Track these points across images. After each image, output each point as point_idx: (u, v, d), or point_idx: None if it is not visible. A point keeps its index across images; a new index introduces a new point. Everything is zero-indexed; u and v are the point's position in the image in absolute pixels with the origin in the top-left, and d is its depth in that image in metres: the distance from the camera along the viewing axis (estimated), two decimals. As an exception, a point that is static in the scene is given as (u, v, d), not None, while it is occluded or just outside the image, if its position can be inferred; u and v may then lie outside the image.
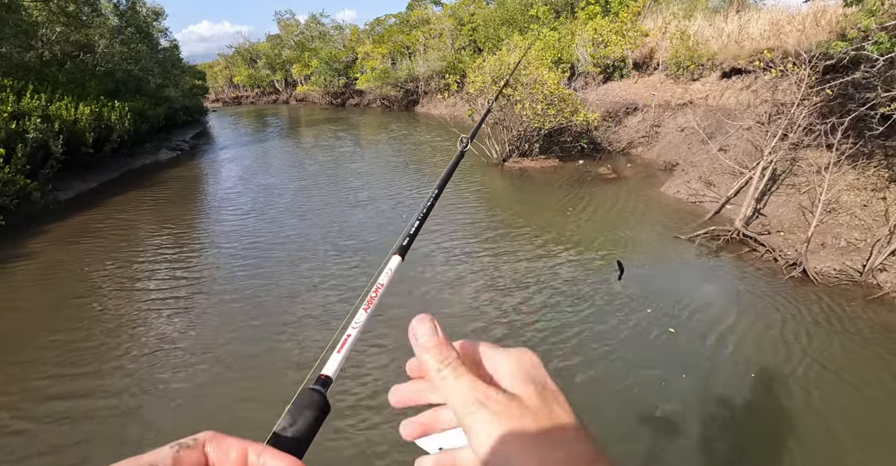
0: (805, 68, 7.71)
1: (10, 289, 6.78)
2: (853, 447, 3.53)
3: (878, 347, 4.70)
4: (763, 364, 4.48)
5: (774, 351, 4.66)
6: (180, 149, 18.49)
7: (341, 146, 17.69)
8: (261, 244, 8.09)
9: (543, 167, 12.65)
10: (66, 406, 4.26)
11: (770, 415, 3.87)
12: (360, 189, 11.29)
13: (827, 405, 3.95)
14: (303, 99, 44.15)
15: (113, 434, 3.91)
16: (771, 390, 4.15)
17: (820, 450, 3.51)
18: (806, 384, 4.20)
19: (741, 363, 4.51)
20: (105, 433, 3.93)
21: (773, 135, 7.93)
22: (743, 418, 3.86)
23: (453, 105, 23.81)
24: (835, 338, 4.86)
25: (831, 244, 6.51)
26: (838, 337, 4.87)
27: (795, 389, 4.14)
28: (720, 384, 4.24)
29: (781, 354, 4.61)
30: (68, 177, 11.82)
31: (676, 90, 13.56)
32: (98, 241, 8.59)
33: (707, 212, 8.39)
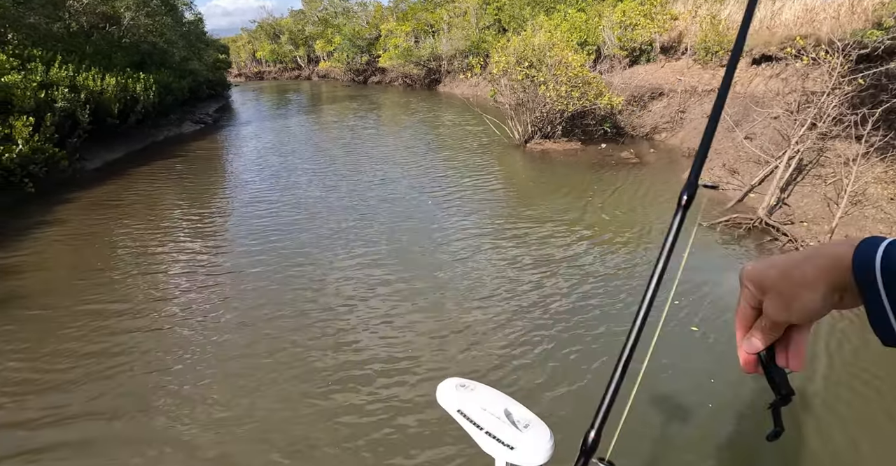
0: (838, 57, 7.56)
1: (38, 252, 6.96)
2: (846, 443, 3.55)
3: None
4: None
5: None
6: (204, 122, 18.62)
7: (363, 124, 17.69)
8: (282, 216, 8.18)
9: (566, 149, 12.58)
10: (93, 361, 4.41)
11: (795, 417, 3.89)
12: (380, 166, 11.32)
13: (845, 402, 3.97)
14: (325, 75, 44.08)
15: (141, 389, 4.04)
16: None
17: (834, 448, 3.54)
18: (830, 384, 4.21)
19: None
20: (131, 389, 4.06)
21: (802, 124, 7.81)
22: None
23: (476, 85, 23.65)
24: (854, 330, 4.85)
25: (856, 236, 6.44)
26: (857, 330, 4.86)
27: (819, 390, 4.15)
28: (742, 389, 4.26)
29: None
30: (94, 146, 11.98)
31: (704, 76, 13.36)
32: (123, 209, 8.74)
33: (730, 199, 8.33)
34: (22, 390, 4.10)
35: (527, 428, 1.42)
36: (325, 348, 4.64)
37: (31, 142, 9.12)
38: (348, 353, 4.56)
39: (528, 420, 1.44)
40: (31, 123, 9.26)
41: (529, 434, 1.40)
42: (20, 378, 4.25)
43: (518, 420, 1.44)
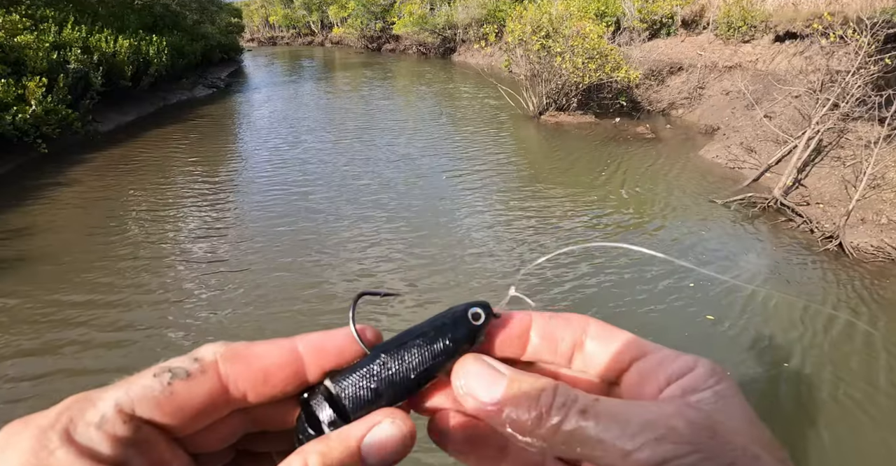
0: (866, 35, 7.36)
1: (51, 212, 7.03)
2: (876, 432, 3.56)
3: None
4: (791, 347, 4.49)
5: (804, 329, 4.65)
6: (216, 86, 18.49)
7: (377, 94, 17.54)
8: (291, 179, 8.19)
9: (580, 122, 12.43)
10: (103, 314, 4.47)
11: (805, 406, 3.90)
12: (393, 136, 11.24)
13: (852, 385, 3.97)
14: (338, 42, 43.54)
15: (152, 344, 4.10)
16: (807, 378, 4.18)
17: (844, 436, 3.55)
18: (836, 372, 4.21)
19: (775, 349, 4.52)
20: (141, 342, 4.12)
21: (824, 104, 7.66)
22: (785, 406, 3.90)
23: (491, 55, 23.29)
24: (863, 314, 4.83)
25: (872, 220, 6.37)
26: (868, 314, 4.84)
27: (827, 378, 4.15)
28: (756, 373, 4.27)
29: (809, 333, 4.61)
30: (106, 109, 11.95)
31: (725, 51, 13.08)
32: (135, 172, 8.78)
33: (745, 178, 8.22)
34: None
35: None
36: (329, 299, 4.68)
37: (44, 102, 9.11)
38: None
39: None
40: (44, 84, 9.23)
41: None
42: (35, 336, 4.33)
43: None
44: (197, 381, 0.32)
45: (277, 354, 0.34)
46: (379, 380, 0.35)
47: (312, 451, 0.32)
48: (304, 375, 0.35)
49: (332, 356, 0.36)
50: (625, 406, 0.33)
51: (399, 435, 0.33)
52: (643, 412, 0.32)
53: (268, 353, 0.34)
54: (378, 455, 0.32)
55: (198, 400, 0.32)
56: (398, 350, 0.36)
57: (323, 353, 0.35)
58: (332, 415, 0.34)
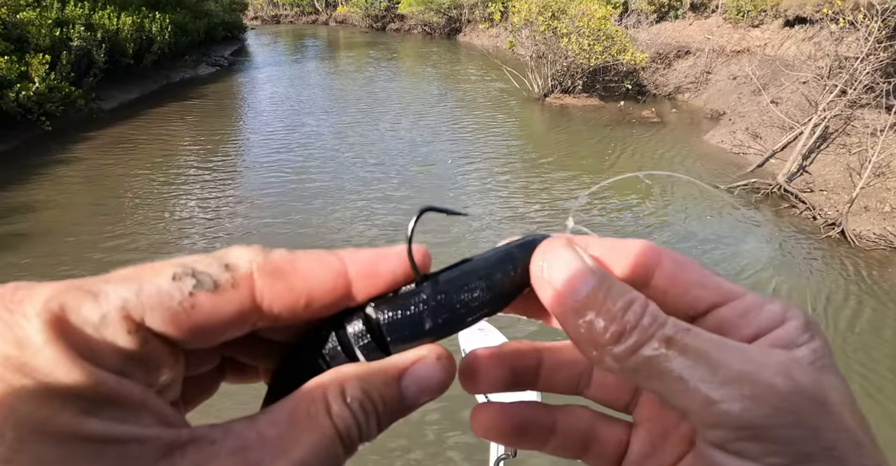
0: (876, 21, 7.28)
1: (55, 189, 7.07)
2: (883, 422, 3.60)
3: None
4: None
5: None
6: (219, 64, 18.36)
7: (381, 74, 17.42)
8: (293, 158, 8.23)
9: (585, 105, 12.36)
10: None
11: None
12: (397, 117, 11.20)
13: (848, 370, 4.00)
14: (342, 21, 43.08)
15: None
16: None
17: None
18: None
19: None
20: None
21: (831, 90, 7.60)
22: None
23: (496, 36, 23.07)
24: (867, 303, 4.86)
25: (875, 208, 6.37)
26: (870, 301, 4.86)
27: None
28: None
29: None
30: (110, 87, 11.89)
31: (734, 36, 12.94)
32: (139, 149, 8.81)
33: (750, 164, 8.20)
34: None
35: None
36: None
37: (47, 80, 9.08)
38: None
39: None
40: (47, 61, 9.19)
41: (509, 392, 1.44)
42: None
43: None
44: (226, 297, 0.26)
45: (325, 277, 0.28)
46: (428, 312, 0.30)
47: (352, 375, 0.28)
48: (349, 302, 0.30)
49: (384, 282, 0.30)
50: (720, 344, 0.27)
51: (443, 375, 0.30)
52: (741, 357, 0.27)
53: (314, 274, 0.28)
54: (417, 391, 0.29)
55: (222, 320, 0.26)
56: (455, 280, 0.31)
57: (374, 278, 0.30)
58: (371, 345, 0.30)
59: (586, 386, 0.37)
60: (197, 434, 0.24)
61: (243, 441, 0.25)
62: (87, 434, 0.21)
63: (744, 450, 0.25)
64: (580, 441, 0.35)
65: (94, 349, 0.23)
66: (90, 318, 0.23)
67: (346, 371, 0.29)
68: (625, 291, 0.29)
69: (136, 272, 0.26)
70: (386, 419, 0.29)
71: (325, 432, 0.27)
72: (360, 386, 0.28)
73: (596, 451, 0.35)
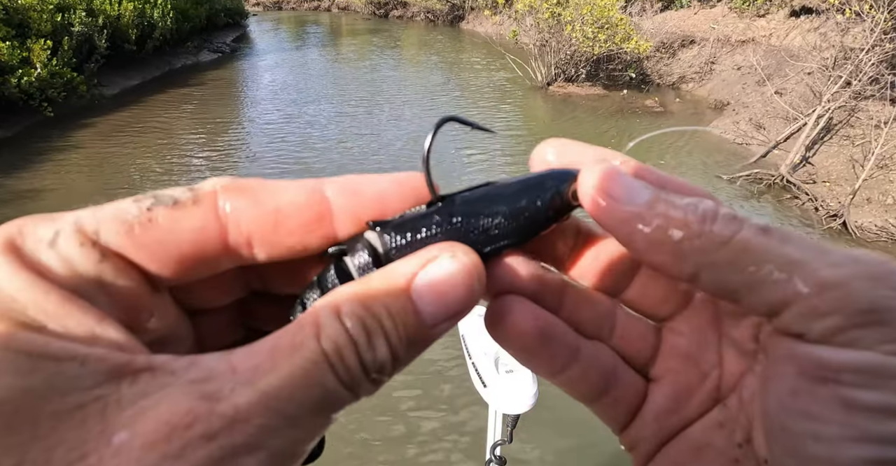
0: (883, 11, 7.23)
1: (57, 175, 7.10)
2: None
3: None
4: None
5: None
6: (221, 51, 18.28)
7: (384, 63, 17.34)
8: (293, 148, 8.24)
9: (588, 94, 12.31)
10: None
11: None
12: (399, 105, 11.17)
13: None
14: (345, 7, 42.75)
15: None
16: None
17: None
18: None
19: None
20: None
21: (836, 81, 7.56)
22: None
23: (500, 24, 22.92)
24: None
25: (877, 200, 6.36)
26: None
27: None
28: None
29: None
30: (111, 73, 11.86)
31: (739, 25, 12.85)
32: (141, 136, 8.81)
33: (753, 154, 8.18)
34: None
35: (508, 374, 1.46)
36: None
37: (49, 65, 9.06)
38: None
39: (516, 367, 1.47)
40: (48, 47, 9.17)
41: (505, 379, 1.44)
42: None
43: (504, 362, 1.47)
44: (186, 212, 0.24)
45: (295, 191, 0.26)
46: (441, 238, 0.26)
47: (349, 292, 0.24)
48: (331, 223, 0.26)
49: (370, 201, 0.27)
50: (814, 240, 0.25)
51: (463, 274, 0.25)
52: (843, 250, 0.24)
53: (283, 188, 0.26)
54: (435, 299, 0.24)
55: (183, 236, 0.24)
56: (474, 203, 0.27)
57: (358, 197, 0.27)
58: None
59: (609, 334, 0.33)
60: (155, 363, 0.21)
61: (208, 373, 0.21)
62: (17, 346, 0.20)
63: (859, 339, 0.22)
64: (602, 379, 0.32)
65: (47, 264, 0.22)
66: (44, 236, 0.23)
67: (343, 290, 0.24)
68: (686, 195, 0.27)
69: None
70: (400, 339, 0.24)
71: (308, 356, 0.22)
72: (359, 300, 0.23)
73: (613, 396, 0.32)
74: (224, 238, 0.25)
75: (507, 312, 0.29)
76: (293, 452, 0.22)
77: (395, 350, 0.23)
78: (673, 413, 0.31)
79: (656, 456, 0.31)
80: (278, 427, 0.21)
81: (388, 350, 0.23)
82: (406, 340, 0.24)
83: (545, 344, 0.30)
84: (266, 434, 0.20)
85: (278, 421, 0.21)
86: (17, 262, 0.22)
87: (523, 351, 0.30)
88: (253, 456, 0.20)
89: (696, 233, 0.25)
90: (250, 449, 0.20)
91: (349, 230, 0.27)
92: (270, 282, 0.30)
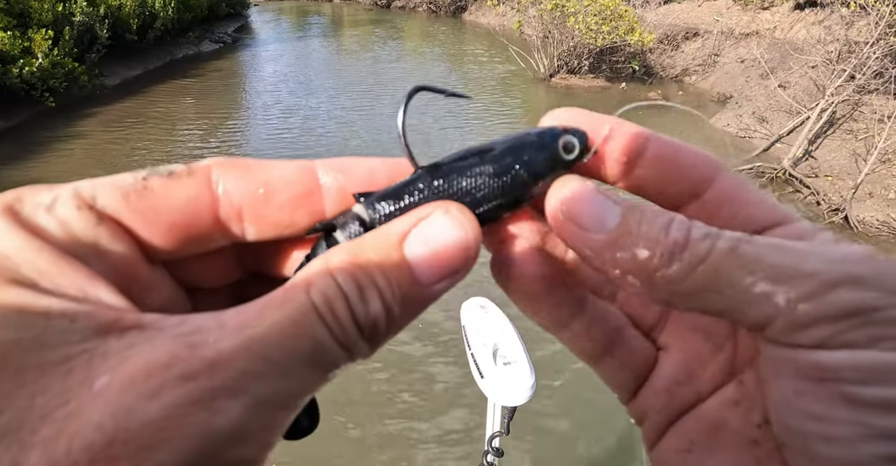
0: (888, 5, 7.18)
1: (60, 165, 7.16)
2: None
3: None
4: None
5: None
6: (223, 41, 18.22)
7: (386, 55, 17.27)
8: (294, 142, 8.26)
9: (591, 86, 12.26)
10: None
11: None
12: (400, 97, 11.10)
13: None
14: (347, -3, 42.58)
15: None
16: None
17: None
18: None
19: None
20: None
21: (839, 75, 7.53)
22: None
23: (503, 15, 22.80)
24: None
25: (879, 194, 6.35)
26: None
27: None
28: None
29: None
30: (113, 63, 11.83)
31: (743, 18, 12.78)
32: (143, 126, 8.83)
33: (755, 148, 8.16)
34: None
35: (506, 366, 1.47)
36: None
37: (50, 55, 9.04)
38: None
39: (514, 359, 1.48)
40: (50, 37, 9.15)
41: (503, 371, 1.45)
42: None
43: (503, 354, 1.48)
44: (179, 182, 0.25)
45: (287, 168, 0.26)
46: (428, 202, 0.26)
47: (337, 253, 0.24)
48: (320, 199, 0.27)
49: (358, 178, 0.27)
50: (792, 244, 0.24)
51: (457, 229, 0.25)
52: (820, 250, 0.24)
53: (274, 164, 0.27)
54: (429, 256, 0.24)
55: (177, 204, 0.25)
56: (456, 166, 0.27)
57: (347, 173, 0.27)
58: None
59: (613, 296, 0.32)
60: (144, 320, 0.22)
61: (196, 328, 0.21)
62: (8, 302, 0.20)
63: (852, 341, 0.22)
64: (607, 335, 0.31)
65: (44, 226, 0.23)
66: (43, 201, 0.23)
67: (335, 250, 0.24)
68: (659, 212, 0.26)
69: None
70: (394, 295, 0.23)
71: (296, 307, 0.22)
72: (350, 258, 0.23)
73: (620, 357, 0.31)
74: (215, 210, 0.25)
75: (512, 257, 0.29)
76: (284, 403, 0.21)
77: (389, 306, 0.23)
78: (683, 384, 0.30)
79: (668, 432, 0.30)
80: (264, 373, 0.20)
81: (381, 305, 0.23)
82: (400, 297, 0.23)
83: (550, 292, 0.30)
84: (250, 379, 0.20)
85: (264, 367, 0.20)
86: (13, 223, 0.22)
87: (528, 297, 0.30)
88: (236, 400, 0.20)
89: (665, 263, 0.24)
90: (232, 393, 0.20)
91: (338, 207, 0.27)
92: (264, 264, 0.30)
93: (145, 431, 0.18)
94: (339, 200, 0.27)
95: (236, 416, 0.20)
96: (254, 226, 0.26)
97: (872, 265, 0.23)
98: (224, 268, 0.30)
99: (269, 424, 0.21)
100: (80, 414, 0.19)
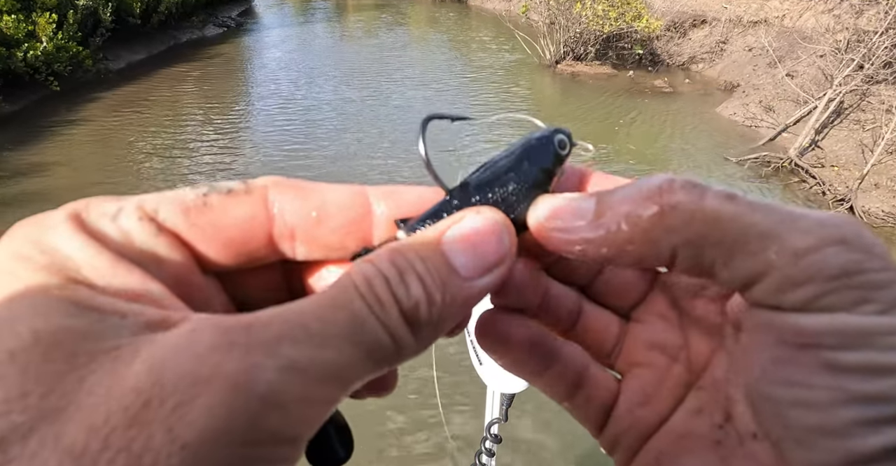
0: (899, -8, 7.11)
1: (65, 149, 7.14)
2: None
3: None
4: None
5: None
6: (227, 25, 18.10)
7: (391, 41, 17.16)
8: (300, 123, 8.22)
9: (597, 73, 12.17)
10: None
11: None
12: (406, 84, 11.09)
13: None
14: (352, -19, 42.22)
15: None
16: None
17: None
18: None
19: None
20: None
21: (848, 64, 7.46)
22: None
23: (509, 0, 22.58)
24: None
25: (885, 185, 6.33)
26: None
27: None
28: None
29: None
30: (117, 47, 11.79)
31: (752, 5, 12.64)
32: (147, 110, 8.83)
33: (762, 137, 8.12)
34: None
35: None
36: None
37: (54, 39, 9.01)
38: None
39: None
40: (54, 20, 9.11)
41: None
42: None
43: None
44: (238, 199, 0.26)
45: (341, 192, 0.27)
46: None
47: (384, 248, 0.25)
48: (370, 226, 0.28)
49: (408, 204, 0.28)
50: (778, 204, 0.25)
51: (491, 224, 0.26)
52: (811, 212, 0.24)
53: (330, 188, 0.27)
54: (465, 249, 0.25)
55: (234, 220, 0.26)
56: (484, 178, 0.29)
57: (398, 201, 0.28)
58: None
59: (573, 326, 0.34)
60: (192, 317, 0.23)
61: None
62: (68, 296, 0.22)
63: (834, 304, 0.22)
64: (575, 376, 0.32)
65: (106, 233, 0.24)
66: (108, 211, 0.25)
67: (377, 250, 0.25)
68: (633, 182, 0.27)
69: None
70: (434, 282, 0.24)
71: (336, 286, 0.23)
72: (391, 251, 0.24)
73: (586, 393, 0.32)
74: (270, 228, 0.27)
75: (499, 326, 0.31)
76: (322, 376, 0.21)
77: (430, 291, 0.24)
78: (644, 404, 0.31)
79: (639, 453, 0.31)
80: (299, 338, 0.21)
81: (421, 289, 0.23)
82: (441, 284, 0.24)
83: (532, 352, 0.32)
84: (285, 342, 0.21)
85: (300, 333, 0.21)
86: (78, 228, 0.24)
87: (515, 362, 0.32)
88: (270, 359, 0.20)
89: (661, 211, 0.25)
90: (266, 352, 0.20)
91: (387, 233, 0.28)
92: (309, 285, 0.31)
93: (180, 384, 0.19)
94: (387, 227, 0.28)
95: (271, 376, 0.20)
96: (304, 246, 0.27)
97: (855, 228, 0.23)
98: (272, 284, 0.31)
99: (307, 396, 0.21)
100: (121, 382, 0.19)
